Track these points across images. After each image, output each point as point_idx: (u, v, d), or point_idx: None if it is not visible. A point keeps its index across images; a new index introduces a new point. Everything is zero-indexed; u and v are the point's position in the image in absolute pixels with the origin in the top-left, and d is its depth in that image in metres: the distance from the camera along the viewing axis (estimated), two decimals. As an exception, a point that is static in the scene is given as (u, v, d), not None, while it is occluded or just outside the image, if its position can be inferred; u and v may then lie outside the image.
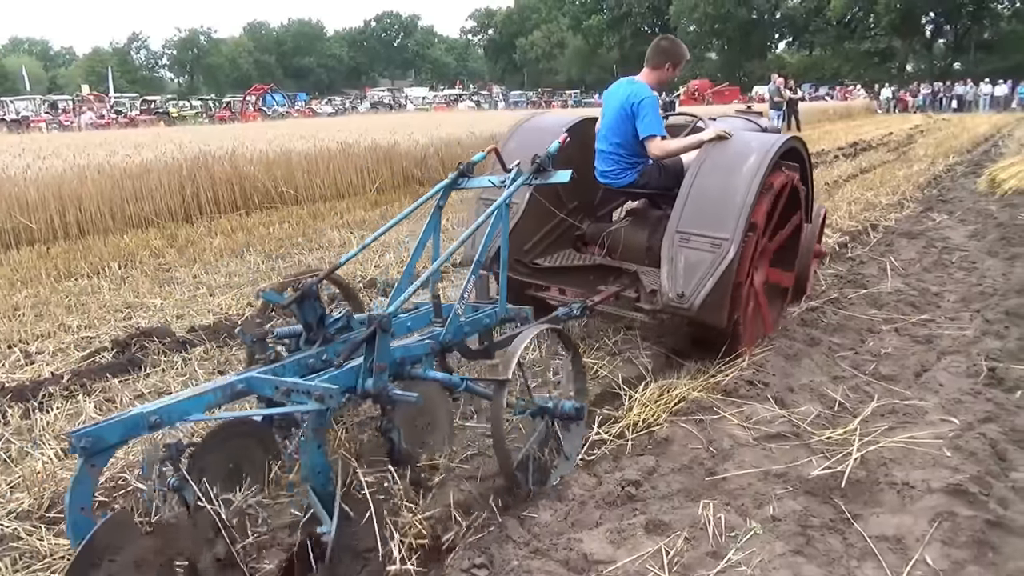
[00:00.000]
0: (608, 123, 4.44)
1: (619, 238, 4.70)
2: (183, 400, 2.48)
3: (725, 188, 3.90)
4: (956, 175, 12.74)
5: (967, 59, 61.38)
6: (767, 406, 3.67)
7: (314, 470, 2.47)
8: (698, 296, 3.75)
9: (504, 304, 3.65)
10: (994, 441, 3.15)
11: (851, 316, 5.08)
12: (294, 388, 2.60)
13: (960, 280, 5.97)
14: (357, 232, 8.70)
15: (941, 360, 4.21)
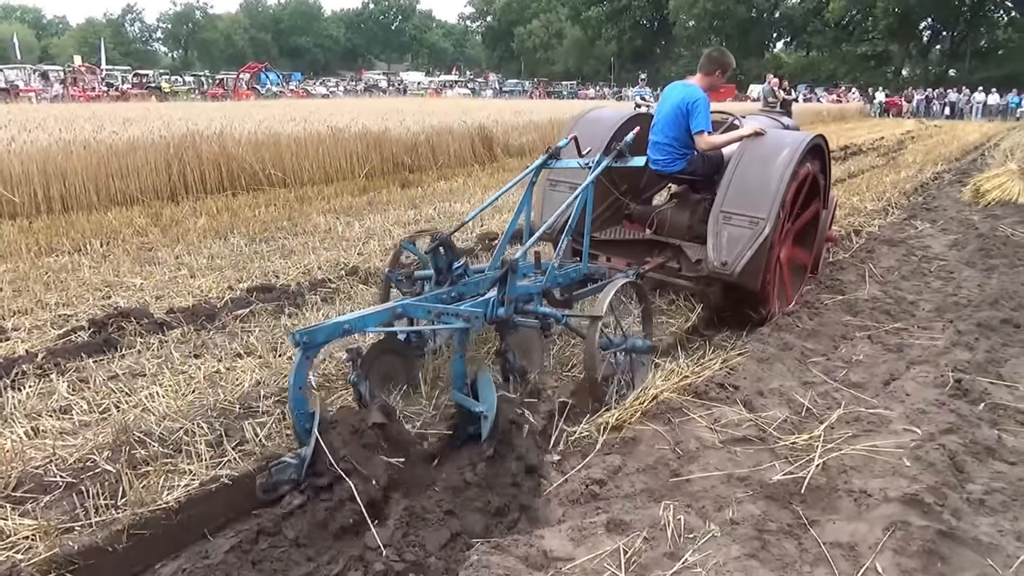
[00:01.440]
0: (664, 118, 5.22)
1: (665, 217, 5.49)
2: (364, 316, 3.23)
3: (762, 176, 4.74)
4: (943, 183, 12.83)
5: (962, 66, 61.65)
6: (736, 409, 3.72)
7: (457, 374, 3.36)
8: (739, 264, 4.64)
9: (586, 263, 4.57)
10: (953, 452, 3.20)
11: (826, 322, 5.14)
12: (445, 312, 3.40)
13: (936, 289, 6.04)
14: (343, 218, 8.69)
15: (910, 369, 4.27)
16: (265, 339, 4.54)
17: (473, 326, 3.35)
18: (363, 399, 3.16)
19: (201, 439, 3.23)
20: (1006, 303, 5.40)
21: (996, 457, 3.27)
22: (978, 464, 3.20)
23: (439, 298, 3.69)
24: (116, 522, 2.68)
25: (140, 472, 3.00)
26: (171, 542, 2.73)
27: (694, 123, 5.06)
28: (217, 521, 2.93)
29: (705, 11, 70.97)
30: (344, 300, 5.45)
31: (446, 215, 8.96)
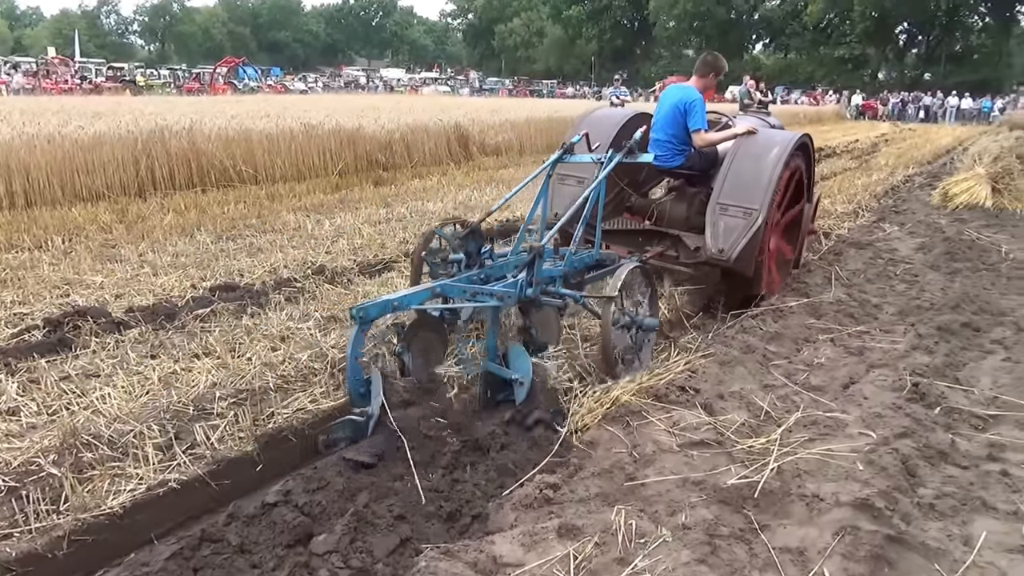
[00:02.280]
0: (663, 117, 5.67)
1: (664, 209, 5.95)
2: (408, 295, 3.68)
3: (755, 171, 5.19)
4: (913, 186, 12.97)
5: (937, 70, 62.43)
6: (695, 412, 3.71)
7: (491, 347, 3.79)
8: (734, 251, 5.08)
9: (598, 249, 5.02)
10: (906, 457, 3.22)
11: (790, 325, 5.16)
12: (480, 291, 3.85)
13: (901, 293, 6.09)
14: (314, 216, 8.62)
15: (870, 373, 4.30)
16: (225, 339, 4.48)
17: (506, 304, 3.91)
18: (405, 368, 3.75)
19: (151, 442, 3.17)
20: (967, 307, 5.46)
21: (948, 461, 3.30)
22: (930, 468, 3.22)
23: (470, 280, 4.11)
24: (57, 528, 2.63)
25: (86, 476, 2.94)
26: (114, 548, 2.68)
27: (691, 122, 5.51)
28: (165, 526, 2.89)
29: (685, 12, 71.27)
30: (309, 300, 5.41)
31: (419, 214, 8.92)
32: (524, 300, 3.97)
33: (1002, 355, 4.61)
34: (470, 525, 2.85)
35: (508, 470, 3.17)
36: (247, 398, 3.69)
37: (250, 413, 3.54)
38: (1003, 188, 10.17)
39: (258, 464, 3.23)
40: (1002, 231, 8.63)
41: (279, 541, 2.56)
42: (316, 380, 3.98)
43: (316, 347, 4.34)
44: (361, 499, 2.81)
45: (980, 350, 4.74)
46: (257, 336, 4.55)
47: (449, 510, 2.86)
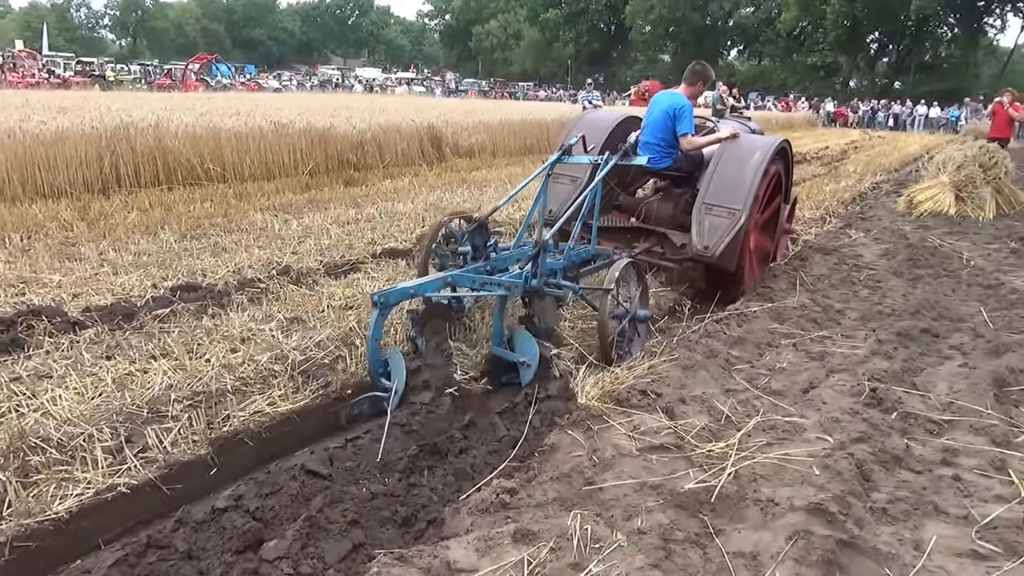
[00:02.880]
0: (653, 122, 6.03)
1: (652, 208, 6.32)
2: (423, 283, 4.05)
3: (739, 174, 5.58)
4: (880, 193, 13.17)
5: (907, 79, 63.51)
6: (656, 417, 3.72)
7: (497, 333, 4.18)
8: (719, 248, 5.44)
9: (595, 245, 5.31)
10: (861, 461, 3.25)
11: (753, 329, 5.20)
12: (488, 281, 4.23)
13: (863, 298, 6.17)
14: (282, 215, 8.54)
15: (830, 378, 4.34)
16: (183, 341, 4.41)
17: (513, 293, 4.26)
18: (418, 350, 4.07)
19: (100, 445, 3.11)
20: (927, 313, 5.54)
21: (903, 466, 3.34)
22: (884, 473, 3.25)
23: (477, 271, 4.46)
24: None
25: (31, 481, 2.87)
26: (58, 555, 2.62)
27: (680, 126, 5.90)
28: (112, 532, 2.82)
29: (661, 17, 71.76)
30: (272, 301, 5.34)
31: (389, 215, 8.87)
32: (529, 290, 4.29)
33: (959, 360, 4.68)
34: (425, 530, 2.83)
35: (466, 474, 3.16)
36: (203, 400, 3.63)
37: (205, 416, 3.48)
38: (966, 196, 10.34)
39: (211, 468, 3.18)
40: (964, 238, 8.78)
41: (228, 547, 2.51)
42: (275, 382, 3.93)
43: (277, 349, 4.29)
44: (315, 504, 2.78)
45: (938, 356, 4.81)
46: (217, 337, 4.49)
47: (404, 515, 2.84)
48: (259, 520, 2.64)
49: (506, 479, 3.13)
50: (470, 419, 3.49)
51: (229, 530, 2.57)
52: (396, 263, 6.50)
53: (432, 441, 3.25)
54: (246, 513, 2.65)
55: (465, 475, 3.15)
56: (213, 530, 2.58)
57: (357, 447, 3.24)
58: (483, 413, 3.64)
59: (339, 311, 5.09)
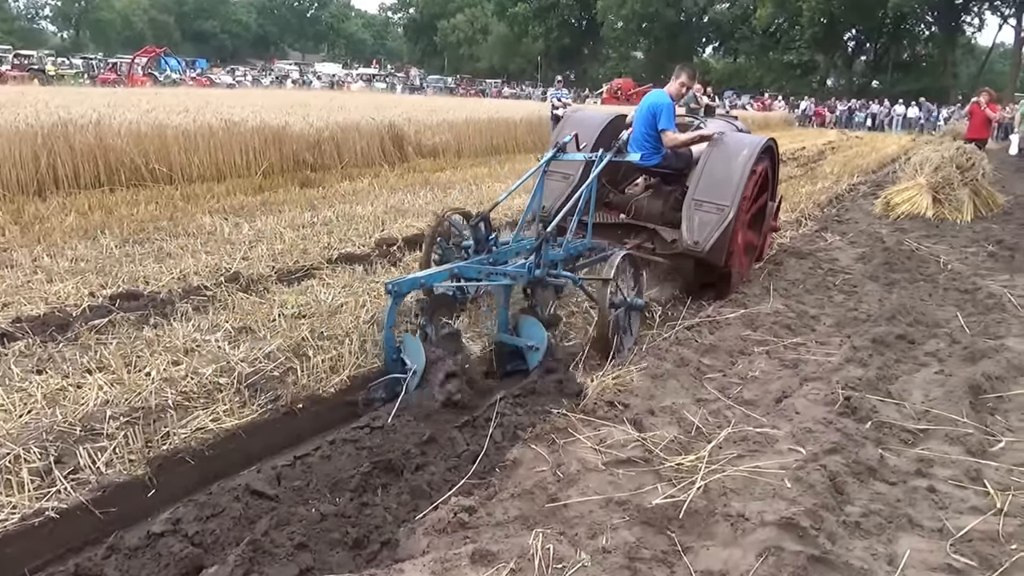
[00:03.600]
0: (641, 119, 6.44)
1: (642, 205, 6.70)
2: (432, 274, 4.31)
3: (727, 171, 5.99)
4: (857, 195, 13.40)
5: (885, 78, 64.79)
6: (624, 429, 3.73)
7: (503, 321, 4.58)
8: (708, 243, 5.82)
9: (590, 238, 5.74)
10: (834, 474, 3.28)
11: (726, 337, 5.24)
12: (493, 271, 4.60)
13: (839, 304, 6.25)
14: (232, 219, 8.42)
15: (803, 386, 4.38)
16: (122, 353, 4.32)
17: (518, 283, 4.69)
18: (428, 337, 4.37)
19: (27, 467, 3.02)
20: (903, 318, 5.63)
21: (877, 477, 3.37)
22: (858, 485, 3.29)
23: (481, 263, 4.79)
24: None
25: (-51, 506, 2.78)
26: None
27: (659, 123, 6.31)
28: (40, 559, 2.74)
29: (634, 12, 72.37)
30: (219, 310, 5.26)
31: (347, 218, 8.80)
32: (532, 280, 4.75)
33: (935, 367, 4.76)
34: (378, 553, 2.79)
35: (423, 492, 3.12)
36: (141, 417, 3.55)
37: (143, 433, 3.41)
38: (943, 198, 10.55)
39: (148, 490, 3.10)
40: (941, 241, 8.96)
41: (164, 575, 2.45)
42: (220, 397, 3.86)
43: (223, 361, 4.22)
44: (260, 526, 2.73)
45: (914, 362, 4.89)
46: (158, 349, 4.40)
47: (356, 537, 2.79)
48: (199, 545, 2.58)
49: (465, 497, 3.10)
50: (429, 434, 3.46)
51: (166, 556, 2.51)
52: (354, 269, 6.44)
53: (386, 457, 3.21)
54: (185, 538, 2.59)
55: (421, 493, 3.12)
56: (148, 557, 2.52)
57: (306, 465, 3.20)
58: (442, 427, 3.61)
59: (291, 320, 5.03)
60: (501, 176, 13.69)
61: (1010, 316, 5.86)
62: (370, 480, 3.10)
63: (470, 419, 3.65)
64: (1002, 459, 3.55)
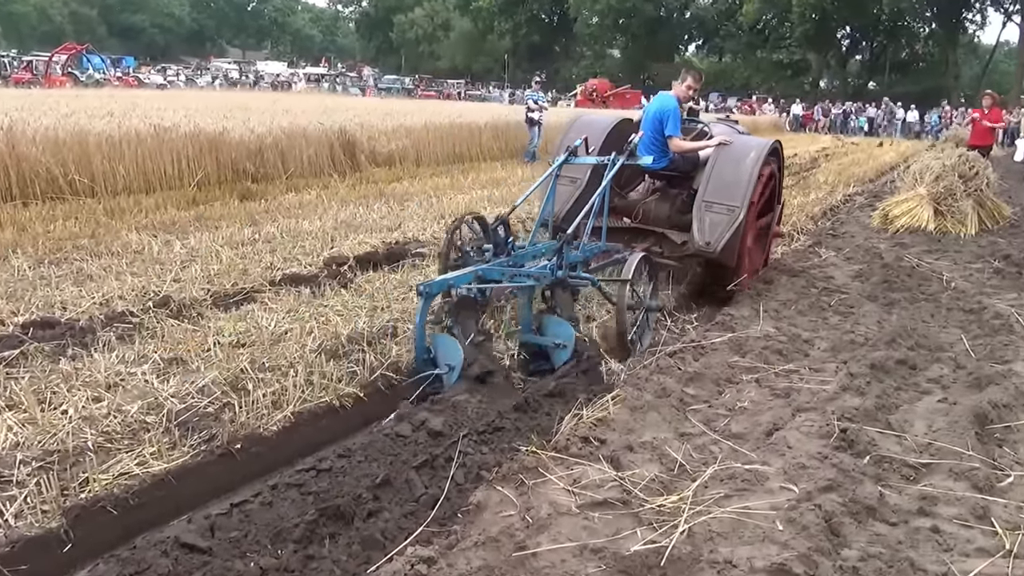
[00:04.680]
0: (649, 123, 7.06)
1: (649, 209, 7.36)
2: (459, 276, 4.91)
3: (736, 173, 6.63)
4: (853, 207, 13.65)
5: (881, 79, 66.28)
6: (600, 467, 3.74)
7: (526, 321, 5.14)
8: (720, 244, 6.46)
9: (604, 241, 6.44)
10: (830, 514, 3.32)
11: (711, 364, 5.29)
12: (517, 273, 5.23)
13: (834, 326, 6.35)
14: (162, 236, 8.36)
15: (796, 417, 4.43)
16: (35, 389, 4.25)
17: (541, 283, 5.27)
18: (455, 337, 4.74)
19: (-76, 520, 2.95)
20: (903, 342, 5.73)
21: (876, 517, 3.42)
22: (856, 526, 3.33)
23: (502, 265, 5.37)
24: None
25: None
26: None
27: (666, 129, 6.90)
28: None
29: (609, 7, 73.37)
30: (147, 339, 5.22)
31: (291, 234, 8.78)
32: (554, 282, 5.32)
33: (938, 395, 4.84)
34: (325, 612, 2.76)
35: (375, 542, 3.10)
36: (57, 461, 3.51)
37: (58, 480, 3.36)
38: (945, 210, 10.78)
39: (64, 544, 3.05)
40: (944, 257, 9.15)
41: (81, 641, 2.40)
42: (147, 437, 3.83)
43: (150, 396, 4.18)
44: (191, 584, 2.69)
45: (915, 390, 4.97)
46: (77, 384, 4.36)
47: (300, 594, 2.77)
48: (121, 607, 2.54)
49: (423, 546, 3.08)
50: (383, 476, 3.44)
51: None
52: (299, 291, 6.42)
53: (335, 503, 3.18)
54: (105, 599, 2.54)
55: (374, 543, 3.10)
56: None
57: (245, 513, 3.16)
58: (397, 468, 3.59)
59: (228, 350, 5.01)
60: (464, 187, 13.75)
61: (1018, 338, 5.98)
62: (316, 529, 3.07)
63: (428, 459, 3.63)
64: (1011, 495, 3.61)
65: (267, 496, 3.27)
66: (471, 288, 5.00)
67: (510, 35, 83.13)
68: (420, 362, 4.61)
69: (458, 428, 3.93)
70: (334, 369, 4.80)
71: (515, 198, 12.21)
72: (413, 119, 17.83)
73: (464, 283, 4.92)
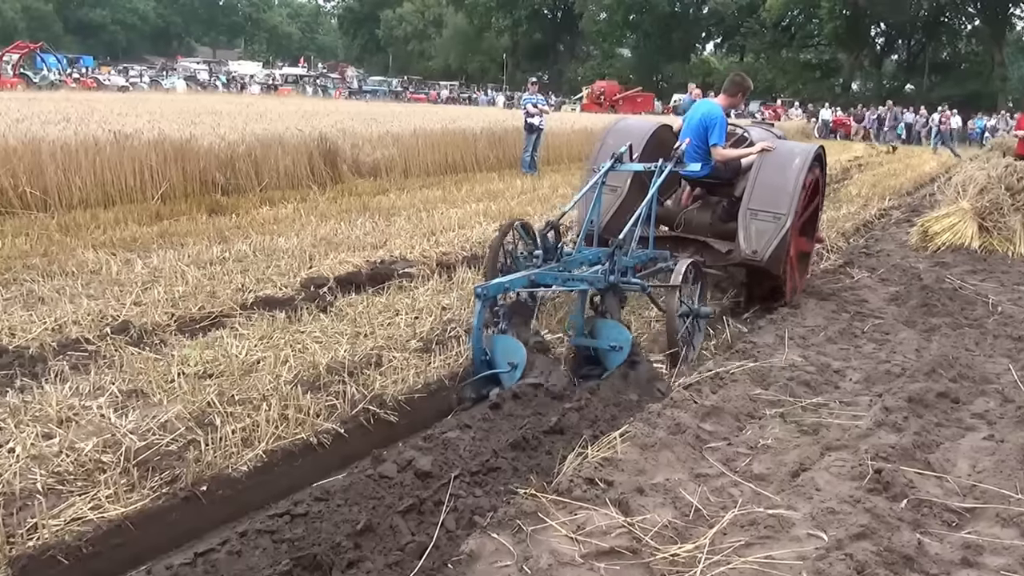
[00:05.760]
0: (693, 130, 7.61)
1: (691, 217, 7.98)
2: (514, 279, 5.55)
3: (781, 179, 7.15)
4: (889, 222, 13.70)
5: (920, 81, 66.59)
6: (606, 512, 3.75)
7: (579, 324, 5.74)
8: (767, 252, 6.93)
9: (652, 248, 6.96)
10: (863, 564, 3.32)
11: (731, 396, 5.30)
12: (570, 278, 5.85)
13: (868, 355, 6.37)
14: (123, 254, 8.39)
15: (825, 457, 4.45)
16: (-22, 424, 4.26)
17: (595, 287, 5.84)
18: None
19: None
20: (944, 372, 5.75)
21: (914, 568, 3.42)
22: (892, 578, 3.33)
23: (552, 270, 5.94)
24: None
25: None
26: None
27: (711, 137, 7.47)
28: None
29: (619, 2, 73.87)
30: (104, 368, 5.22)
31: (265, 252, 8.80)
32: (606, 287, 5.85)
33: (984, 432, 4.86)
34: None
35: (356, 597, 3.10)
36: (2, 505, 3.50)
37: (4, 526, 3.35)
38: (991, 226, 10.82)
39: (10, 598, 3.04)
40: (990, 278, 9.19)
41: None
42: (103, 479, 3.82)
43: (107, 433, 4.18)
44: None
45: (958, 426, 4.99)
46: (25, 419, 4.35)
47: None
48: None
49: (409, 601, 3.08)
50: (364, 522, 3.44)
51: None
52: (273, 316, 6.42)
53: (311, 552, 3.18)
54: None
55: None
56: None
57: (210, 563, 3.15)
58: (381, 513, 3.59)
59: (194, 381, 5.01)
60: (457, 200, 13.81)
61: (1072, 369, 6.01)
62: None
63: (416, 503, 3.63)
64: (1064, 544, 3.61)
65: (235, 544, 3.26)
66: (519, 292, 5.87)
67: (509, 32, 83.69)
68: (478, 363, 5.23)
69: (449, 468, 3.93)
70: (311, 402, 4.80)
71: (513, 212, 12.34)
72: (401, 125, 17.94)
73: (519, 287, 5.64)
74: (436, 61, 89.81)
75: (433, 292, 7.43)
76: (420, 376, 5.46)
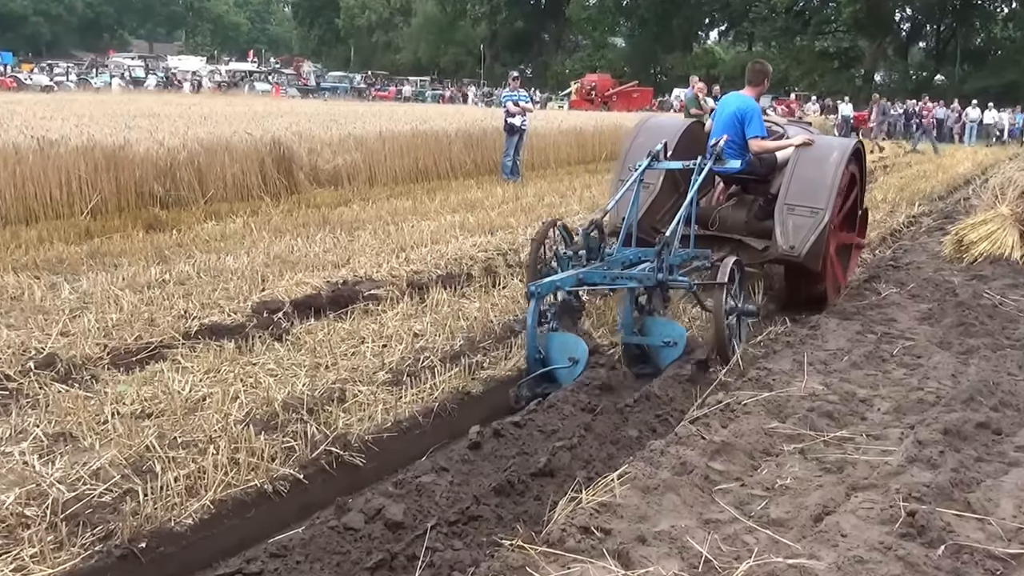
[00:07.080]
0: (728, 125, 8.26)
1: (726, 215, 8.62)
2: (563, 278, 6.45)
3: (819, 173, 7.81)
4: (919, 231, 13.79)
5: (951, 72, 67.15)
6: (604, 565, 3.74)
7: (628, 323, 6.65)
8: (804, 247, 7.54)
9: (693, 248, 7.59)
10: (896, 620, 3.33)
11: (743, 431, 5.30)
12: (619, 276, 6.72)
13: (897, 382, 6.39)
14: (47, 277, 8.36)
15: (851, 498, 4.45)
16: None
17: (644, 284, 6.60)
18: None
19: None
20: (985, 400, 5.77)
21: (954, 623, 3.43)
22: (929, 636, 3.34)
23: (599, 269, 6.78)
24: None
25: None
26: None
27: (749, 129, 8.12)
28: None
29: (611, -13, 74.33)
30: (26, 409, 5.20)
31: (211, 273, 8.79)
32: (653, 285, 6.60)
33: (1030, 467, 4.88)
34: None
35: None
36: (-92, 569, 3.47)
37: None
38: (1034, 234, 10.89)
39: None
40: (1033, 293, 9.23)
41: None
42: (26, 535, 3.79)
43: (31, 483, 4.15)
44: None
45: (1001, 461, 5.00)
46: (-64, 468, 4.32)
47: None
48: None
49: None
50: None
51: None
52: (221, 345, 6.41)
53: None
54: None
55: None
56: None
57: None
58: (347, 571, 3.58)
59: (130, 421, 4.99)
60: (430, 211, 13.84)
61: None
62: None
63: (386, 558, 3.62)
64: (1121, 593, 3.63)
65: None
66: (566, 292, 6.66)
67: (486, 20, 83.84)
68: (531, 362, 6.05)
69: (424, 518, 3.94)
70: (266, 445, 4.78)
71: (494, 223, 12.39)
72: (365, 126, 17.98)
73: (569, 286, 6.49)
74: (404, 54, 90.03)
75: (403, 316, 7.44)
76: (389, 413, 5.45)
